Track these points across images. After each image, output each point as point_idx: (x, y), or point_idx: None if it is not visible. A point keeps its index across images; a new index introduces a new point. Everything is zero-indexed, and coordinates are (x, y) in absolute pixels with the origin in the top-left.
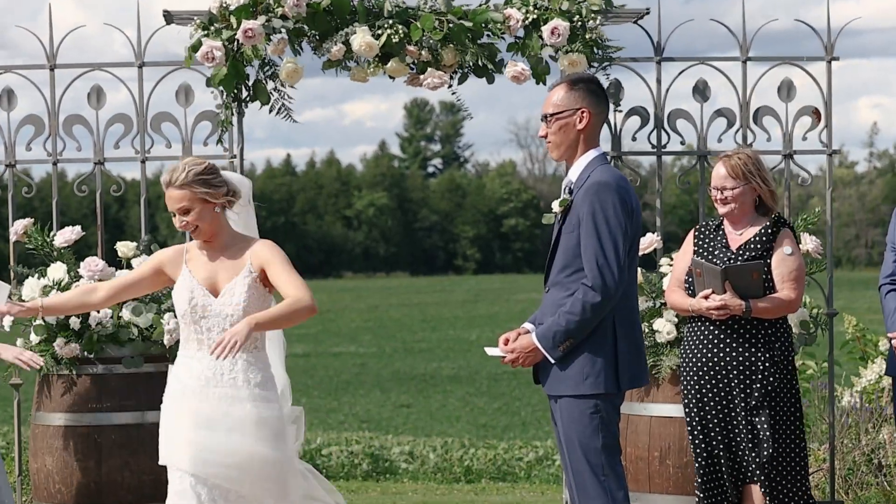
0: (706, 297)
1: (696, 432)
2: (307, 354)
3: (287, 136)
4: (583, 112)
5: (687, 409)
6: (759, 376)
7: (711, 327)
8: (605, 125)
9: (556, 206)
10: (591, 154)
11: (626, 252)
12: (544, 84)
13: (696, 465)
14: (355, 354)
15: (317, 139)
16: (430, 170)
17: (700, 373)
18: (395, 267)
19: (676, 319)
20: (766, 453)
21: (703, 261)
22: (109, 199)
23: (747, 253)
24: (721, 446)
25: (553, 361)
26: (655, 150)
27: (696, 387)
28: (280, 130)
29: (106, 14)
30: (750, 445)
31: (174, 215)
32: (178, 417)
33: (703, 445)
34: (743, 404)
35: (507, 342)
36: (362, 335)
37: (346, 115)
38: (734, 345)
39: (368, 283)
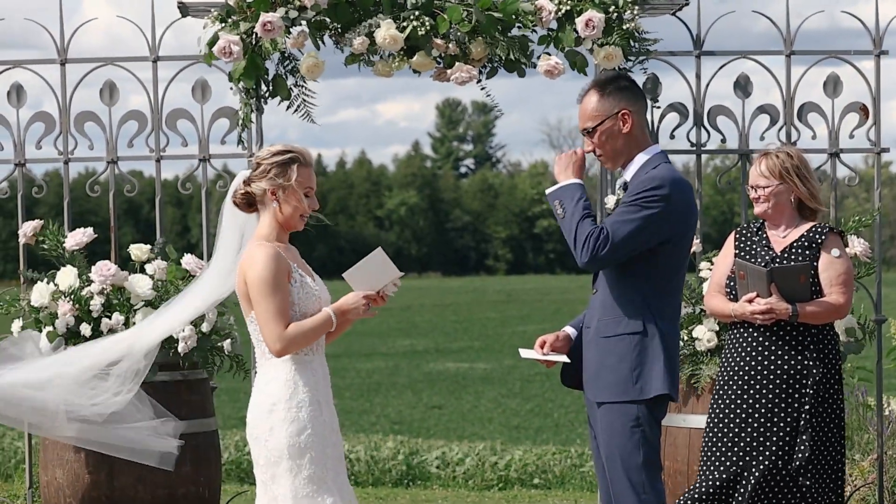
0: (750, 301)
1: (707, 448)
2: (338, 355)
3: (320, 137)
4: (623, 114)
5: (711, 418)
6: (810, 390)
7: (755, 333)
8: None
9: (609, 202)
10: (647, 153)
11: (678, 253)
12: (584, 74)
13: (700, 481)
14: (387, 355)
15: (350, 139)
16: (462, 170)
17: (740, 381)
18: (427, 267)
19: (717, 327)
20: (801, 473)
21: (747, 262)
22: (140, 200)
23: (792, 256)
24: (742, 462)
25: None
26: (695, 148)
27: (730, 395)
28: (313, 131)
29: (135, 11)
30: (784, 472)
31: (307, 197)
32: (335, 426)
33: (718, 460)
34: (788, 417)
35: (542, 345)
36: (394, 336)
37: (379, 115)
38: (779, 352)
39: (400, 283)
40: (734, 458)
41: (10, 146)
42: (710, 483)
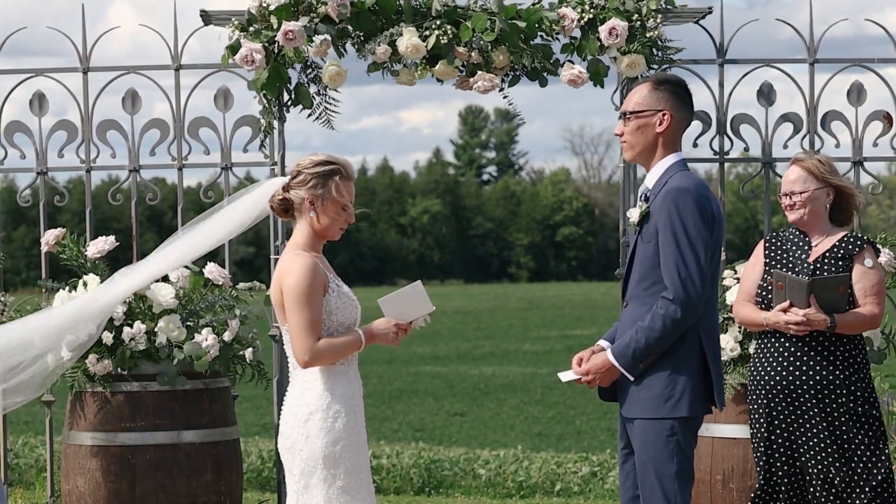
0: (785, 311)
1: (759, 455)
2: (360, 362)
3: (343, 144)
4: (664, 114)
5: (753, 431)
6: (850, 402)
7: (787, 343)
8: None
9: (633, 214)
10: (670, 159)
11: (709, 262)
12: (602, 87)
13: (757, 486)
14: (409, 362)
15: (373, 146)
16: (485, 177)
17: (773, 392)
18: (450, 274)
19: (741, 336)
20: (867, 489)
21: (788, 273)
22: (163, 207)
23: (825, 266)
24: (781, 472)
25: (632, 379)
26: (718, 156)
27: (766, 407)
28: (337, 138)
29: (160, 19)
30: (844, 470)
31: (345, 209)
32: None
33: (766, 469)
34: (824, 425)
35: (580, 362)
36: (416, 343)
37: (402, 123)
38: (811, 363)
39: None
40: (767, 468)
41: (32, 154)
42: (759, 487)
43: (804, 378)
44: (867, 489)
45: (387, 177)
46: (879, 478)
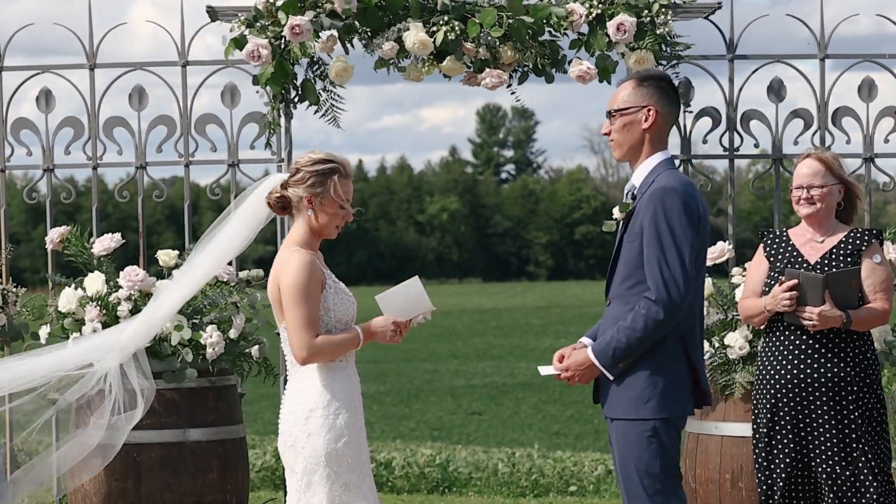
0: (786, 291)
1: (762, 454)
2: (378, 360)
3: (364, 143)
4: (649, 110)
5: (756, 427)
6: (858, 399)
7: (797, 341)
8: (675, 127)
9: (616, 212)
10: (657, 157)
11: (693, 262)
12: (609, 83)
13: (759, 489)
14: (426, 360)
15: (393, 145)
16: (503, 176)
17: (782, 390)
18: (468, 273)
19: (750, 334)
20: (872, 488)
21: (800, 270)
22: (181, 205)
23: (833, 262)
24: (779, 469)
25: (611, 378)
26: (728, 153)
27: (773, 405)
28: (357, 136)
29: (176, 17)
30: (850, 469)
31: (343, 207)
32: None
33: (767, 468)
34: (833, 422)
35: (561, 359)
36: (434, 341)
37: (423, 121)
38: (822, 360)
39: (441, 288)
40: (768, 467)
41: (39, 151)
42: (761, 490)
43: (815, 375)
44: (872, 488)
45: (405, 175)
46: (885, 477)
